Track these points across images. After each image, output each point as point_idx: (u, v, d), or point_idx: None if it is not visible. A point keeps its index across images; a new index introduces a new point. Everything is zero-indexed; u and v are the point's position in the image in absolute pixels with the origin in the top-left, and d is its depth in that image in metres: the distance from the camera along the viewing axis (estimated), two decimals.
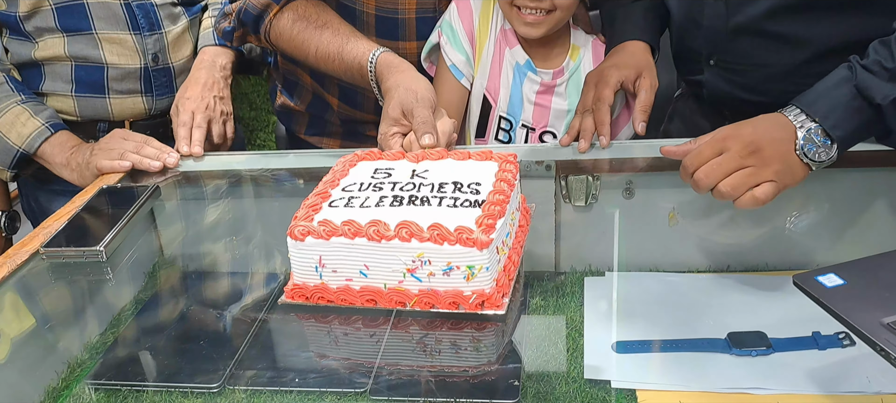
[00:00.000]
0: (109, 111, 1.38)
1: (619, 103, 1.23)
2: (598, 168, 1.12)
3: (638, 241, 1.05)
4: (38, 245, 0.95)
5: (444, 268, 0.77)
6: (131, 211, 1.02)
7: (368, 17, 1.25)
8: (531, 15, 1.16)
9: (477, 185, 0.86)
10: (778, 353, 0.81)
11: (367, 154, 0.99)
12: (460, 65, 1.23)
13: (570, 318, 0.87)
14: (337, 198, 0.85)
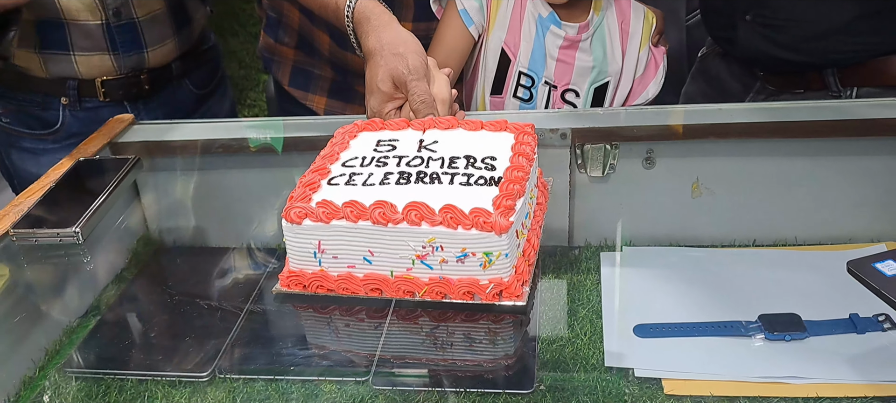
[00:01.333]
0: (76, 69, 1.29)
1: (645, 58, 1.16)
2: (617, 135, 1.04)
3: (658, 214, 1.00)
4: (8, 225, 0.87)
5: (459, 255, 0.70)
6: (110, 186, 0.93)
7: None
8: None
9: (492, 160, 0.78)
10: (814, 338, 0.76)
11: (368, 123, 0.91)
12: (472, 10, 1.14)
13: (586, 298, 0.81)
14: (337, 175, 0.77)
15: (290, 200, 0.74)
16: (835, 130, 1.01)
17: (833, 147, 1.02)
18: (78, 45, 1.28)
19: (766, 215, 0.97)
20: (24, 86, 1.30)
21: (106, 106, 1.31)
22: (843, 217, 0.96)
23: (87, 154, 1.03)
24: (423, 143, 0.82)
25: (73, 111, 1.31)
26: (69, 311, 0.85)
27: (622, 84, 1.18)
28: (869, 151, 1.01)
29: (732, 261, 0.90)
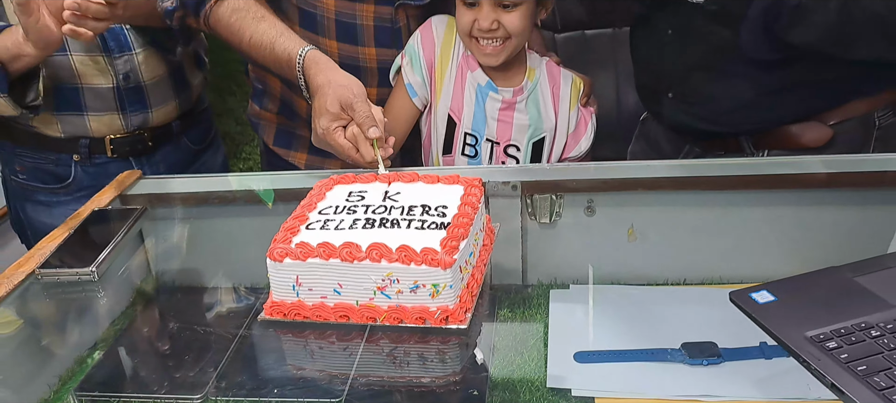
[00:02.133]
0: (89, 128, 1.45)
1: (575, 117, 1.33)
2: (561, 187, 1.19)
3: (599, 256, 1.12)
4: (34, 266, 1.01)
5: (412, 286, 0.84)
6: (121, 232, 1.08)
7: (329, 21, 1.34)
8: (489, 45, 1.26)
9: (444, 208, 0.93)
10: (728, 362, 0.86)
11: (342, 177, 1.06)
12: (416, 86, 1.33)
13: (535, 329, 0.93)
14: (314, 221, 0.92)
15: (274, 242, 0.89)
16: (747, 184, 1.17)
17: (746, 198, 1.18)
18: (91, 106, 1.43)
19: (692, 257, 1.09)
20: (40, 145, 1.45)
21: (113, 161, 1.46)
22: (759, 258, 1.09)
23: (100, 204, 1.18)
24: (387, 194, 0.98)
25: (84, 166, 1.46)
26: (82, 341, 0.97)
27: (557, 139, 1.35)
28: (776, 202, 1.16)
29: (663, 298, 1.01)
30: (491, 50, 1.27)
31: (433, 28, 1.34)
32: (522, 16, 1.26)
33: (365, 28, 1.34)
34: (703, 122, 1.23)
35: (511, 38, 1.27)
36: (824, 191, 1.15)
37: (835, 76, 1.11)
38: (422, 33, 1.34)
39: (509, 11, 1.25)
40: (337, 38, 1.34)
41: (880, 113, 1.16)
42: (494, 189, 1.17)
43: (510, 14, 1.25)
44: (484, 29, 1.25)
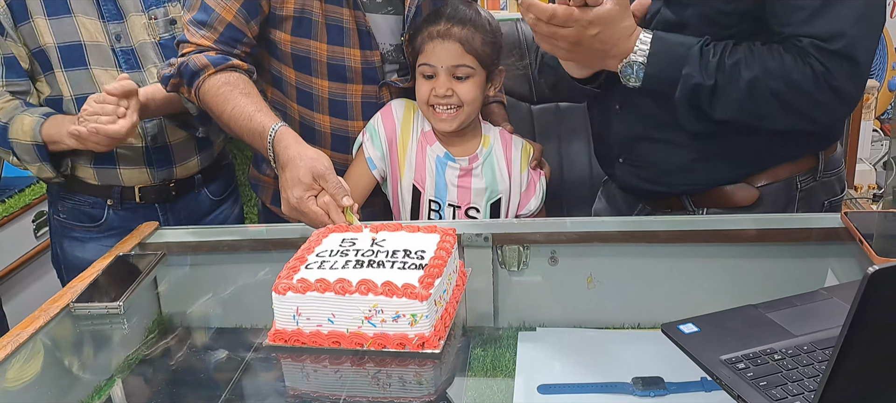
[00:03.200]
0: (120, 179, 1.64)
1: (526, 178, 1.52)
2: (528, 239, 1.36)
3: (562, 301, 1.25)
4: (68, 301, 1.17)
5: (394, 316, 1.00)
6: (143, 274, 1.24)
7: (322, 100, 1.52)
8: (444, 112, 1.45)
9: (422, 252, 1.10)
10: (672, 394, 0.96)
11: (336, 227, 1.23)
12: (376, 159, 1.51)
13: (504, 366, 1.04)
14: (312, 262, 1.09)
15: (278, 278, 1.05)
16: (689, 239, 1.34)
17: (689, 251, 1.34)
18: (123, 161, 1.63)
19: (643, 302, 1.21)
20: (80, 190, 1.65)
21: (141, 207, 1.65)
22: (699, 301, 1.19)
23: (124, 250, 1.35)
24: (374, 240, 1.14)
25: (116, 210, 1.66)
26: (105, 368, 1.11)
27: (512, 198, 1.53)
28: (713, 254, 1.33)
29: (617, 338, 1.11)
30: (446, 116, 1.46)
31: (393, 110, 1.53)
32: (473, 86, 1.46)
33: (353, 104, 1.52)
34: (648, 184, 1.39)
35: (463, 106, 1.46)
36: (754, 245, 1.32)
37: (758, 144, 1.28)
38: (382, 114, 1.52)
39: (462, 82, 1.45)
40: (329, 113, 1.53)
41: (801, 177, 1.33)
42: (469, 240, 1.34)
43: (463, 84, 1.45)
44: (440, 95, 1.44)
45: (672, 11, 1.25)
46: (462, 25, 1.44)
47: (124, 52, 1.61)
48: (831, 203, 1.38)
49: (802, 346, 0.96)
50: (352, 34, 1.46)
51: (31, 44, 1.56)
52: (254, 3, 1.43)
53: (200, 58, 1.43)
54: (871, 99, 2.85)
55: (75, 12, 1.57)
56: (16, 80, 1.58)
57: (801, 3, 1.15)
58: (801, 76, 1.15)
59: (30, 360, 1.09)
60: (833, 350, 0.69)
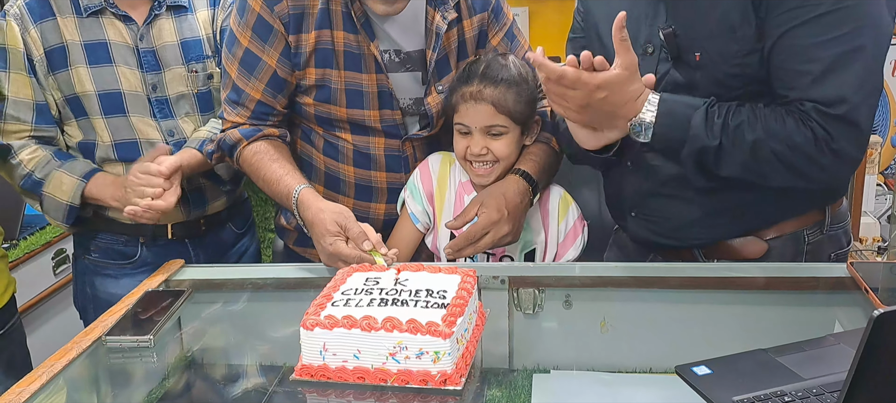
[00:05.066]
0: None
1: (564, 229, 1.54)
2: (543, 283, 1.41)
3: (576, 345, 1.29)
4: (99, 334, 1.21)
5: (418, 353, 1.04)
6: (171, 309, 1.29)
7: (348, 185, 1.60)
8: (481, 167, 1.49)
9: (444, 292, 1.14)
10: None
11: (360, 266, 1.28)
12: (418, 213, 1.56)
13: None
14: (338, 300, 1.13)
15: (306, 315, 1.09)
16: (700, 285, 1.38)
17: (700, 297, 1.38)
18: None
19: (657, 347, 1.24)
20: (112, 230, 1.71)
21: (172, 242, 1.72)
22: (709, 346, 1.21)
23: (151, 286, 1.39)
24: (398, 280, 1.19)
25: (148, 246, 1.72)
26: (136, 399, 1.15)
27: (548, 250, 1.54)
28: (724, 301, 1.37)
29: (631, 382, 1.14)
30: (482, 171, 1.49)
31: (430, 165, 1.57)
32: (508, 143, 1.48)
33: (377, 156, 1.58)
34: (660, 237, 1.43)
35: (499, 162, 1.48)
36: (763, 293, 1.35)
37: (766, 200, 1.33)
38: (420, 170, 1.57)
39: (497, 139, 1.47)
40: (353, 165, 1.59)
41: (809, 231, 1.38)
42: (486, 282, 1.38)
43: (497, 141, 1.47)
44: (475, 154, 1.47)
45: (681, 73, 1.30)
46: (494, 85, 1.45)
47: (159, 102, 1.67)
48: (837, 255, 1.42)
49: (812, 389, 0.99)
50: (372, 97, 1.52)
51: (66, 91, 1.63)
52: (279, 80, 1.51)
53: (234, 133, 1.54)
54: (875, 154, 2.91)
55: (116, 62, 1.63)
56: (44, 126, 1.64)
57: (806, 69, 1.20)
58: (802, 139, 1.20)
59: (62, 390, 1.13)
60: (840, 392, 0.73)
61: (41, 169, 1.61)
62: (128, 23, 1.65)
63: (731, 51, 1.25)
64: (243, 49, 1.50)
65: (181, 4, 1.70)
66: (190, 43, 1.71)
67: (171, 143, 1.68)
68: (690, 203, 1.37)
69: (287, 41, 1.48)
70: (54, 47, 1.60)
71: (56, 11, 1.61)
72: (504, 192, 1.43)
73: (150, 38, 1.66)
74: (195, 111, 1.73)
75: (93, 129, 1.65)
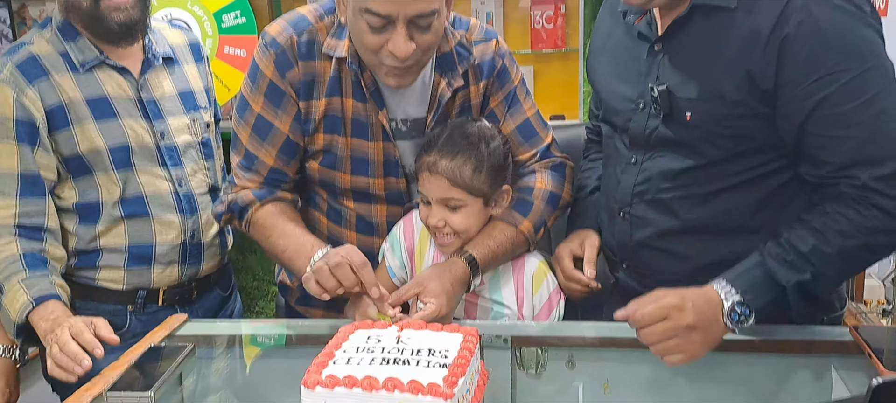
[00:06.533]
0: (152, 280, 1.67)
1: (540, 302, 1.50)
2: (546, 342, 1.40)
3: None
4: (101, 389, 1.21)
5: None
6: (172, 365, 1.28)
7: (350, 218, 1.58)
8: (442, 237, 1.46)
9: (446, 351, 1.14)
10: None
11: (362, 323, 1.28)
12: (396, 268, 1.54)
13: None
14: (339, 359, 1.13)
15: (307, 373, 1.09)
16: None
17: (701, 359, 1.36)
18: (159, 261, 1.67)
19: None
20: (100, 298, 1.65)
21: (162, 309, 1.68)
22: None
23: (154, 341, 1.39)
24: (400, 338, 1.19)
25: (138, 315, 1.67)
26: None
27: None
28: (726, 362, 1.35)
29: None
30: (442, 242, 1.46)
31: (414, 220, 1.55)
32: (467, 215, 1.44)
33: (379, 224, 1.58)
34: (649, 291, 1.42)
35: (458, 234, 1.44)
36: (764, 355, 1.35)
37: None
38: (404, 223, 1.54)
39: (455, 212, 1.43)
40: (356, 231, 1.58)
41: None
42: (489, 341, 1.37)
43: (456, 214, 1.43)
44: (432, 225, 1.45)
45: (671, 130, 1.33)
46: (451, 157, 1.40)
47: (168, 149, 1.67)
48: (830, 319, 1.42)
49: None
50: (377, 165, 1.53)
51: (66, 150, 1.57)
52: (292, 145, 1.52)
53: (247, 194, 1.51)
54: None
55: (121, 116, 1.62)
56: (30, 199, 1.55)
57: (848, 134, 1.20)
58: (874, 221, 1.21)
59: None
60: None
61: (4, 269, 1.52)
62: (125, 75, 1.64)
63: (721, 114, 1.27)
64: (256, 115, 1.50)
65: (170, 57, 1.72)
66: (186, 94, 1.73)
67: (179, 194, 1.68)
68: (678, 258, 1.39)
69: (298, 107, 1.49)
70: (54, 107, 1.56)
71: (50, 70, 1.57)
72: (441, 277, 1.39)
73: (149, 88, 1.66)
74: (200, 158, 1.74)
75: (95, 187, 1.61)
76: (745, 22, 1.24)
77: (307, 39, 1.47)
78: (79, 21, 1.60)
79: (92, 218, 1.62)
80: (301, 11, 1.51)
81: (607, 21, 1.51)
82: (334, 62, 1.47)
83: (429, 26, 1.33)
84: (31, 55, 1.57)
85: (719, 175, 1.32)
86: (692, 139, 1.31)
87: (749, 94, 1.24)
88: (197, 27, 2.52)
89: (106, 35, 1.60)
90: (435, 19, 1.34)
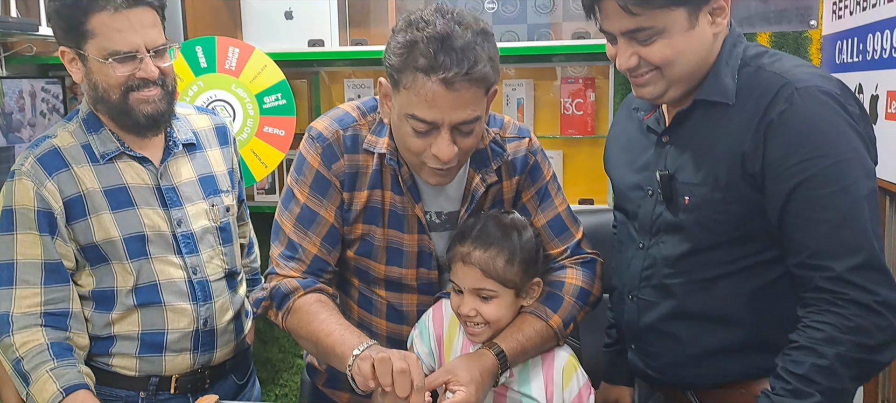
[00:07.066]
0: (163, 368, 1.68)
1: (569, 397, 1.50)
2: None
3: None
4: None
5: None
6: None
7: (380, 338, 1.59)
8: (472, 327, 1.48)
9: None
10: None
11: None
12: (424, 355, 1.55)
13: None
14: None
15: None
16: None
17: None
18: (170, 348, 1.67)
19: None
20: (111, 384, 1.66)
21: (174, 397, 1.68)
22: None
23: None
24: None
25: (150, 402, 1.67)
26: None
27: None
28: None
29: None
30: (473, 331, 1.48)
31: (443, 308, 1.56)
32: (499, 306, 1.46)
33: (409, 313, 1.61)
34: (656, 373, 1.49)
35: (489, 324, 1.46)
36: None
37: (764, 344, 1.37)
38: (433, 311, 1.57)
39: (487, 302, 1.45)
40: (386, 319, 1.62)
41: None
42: None
43: (487, 304, 1.45)
44: (464, 314, 1.46)
45: (672, 214, 1.41)
46: (484, 248, 1.43)
47: (184, 237, 1.68)
48: None
49: None
50: (411, 256, 1.57)
51: (83, 240, 1.60)
52: (335, 233, 1.56)
53: (292, 281, 1.52)
54: None
55: (138, 205, 1.64)
56: (55, 286, 1.59)
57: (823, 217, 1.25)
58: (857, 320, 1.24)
59: None
60: None
61: (31, 359, 1.54)
62: (145, 164, 1.66)
63: (716, 198, 1.34)
64: (301, 205, 1.55)
65: (192, 142, 1.74)
66: (207, 178, 1.75)
67: (193, 282, 1.68)
68: (680, 343, 1.43)
69: (342, 196, 1.54)
70: (72, 197, 1.59)
71: (70, 162, 1.60)
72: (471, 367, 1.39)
73: (169, 176, 1.68)
74: (218, 243, 1.75)
75: (111, 275, 1.62)
76: (740, 113, 1.32)
77: (352, 134, 1.53)
78: (106, 113, 1.64)
79: (107, 305, 1.64)
80: (345, 108, 1.58)
81: (623, 119, 1.63)
82: (375, 157, 1.52)
83: (471, 131, 1.40)
84: (53, 148, 1.61)
85: (715, 261, 1.38)
86: (689, 223, 1.38)
87: (741, 179, 1.31)
88: (240, 108, 2.61)
89: (133, 127, 1.63)
90: (477, 125, 1.39)
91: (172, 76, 1.66)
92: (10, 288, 1.57)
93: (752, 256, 1.37)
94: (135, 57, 1.56)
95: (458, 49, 1.32)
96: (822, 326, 1.25)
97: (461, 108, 1.35)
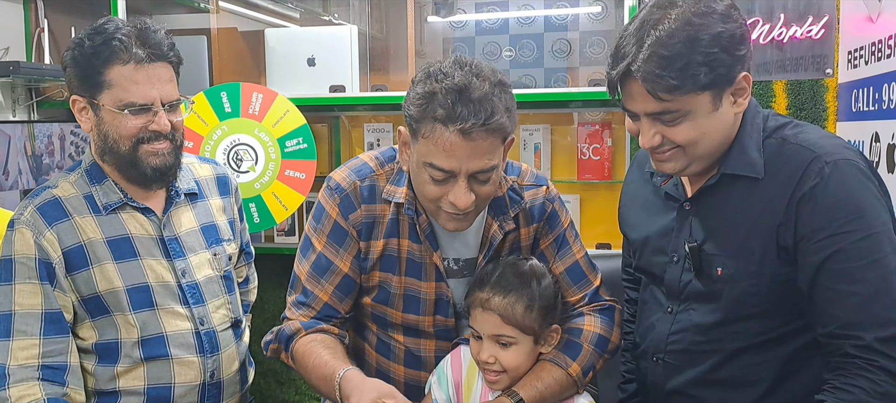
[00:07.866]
0: None
1: None
2: None
3: None
4: None
5: None
6: None
7: (398, 383, 1.61)
8: (491, 374, 1.48)
9: None
10: None
11: None
12: (442, 401, 1.55)
13: None
14: None
15: None
16: None
17: None
18: (177, 402, 1.65)
19: None
20: None
21: None
22: None
23: None
24: None
25: None
26: None
27: None
28: None
29: None
30: (492, 378, 1.48)
31: (461, 354, 1.56)
32: (517, 353, 1.46)
33: (427, 359, 1.63)
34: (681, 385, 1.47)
35: (508, 371, 1.46)
36: None
37: None
38: (451, 357, 1.57)
39: (505, 349, 1.45)
40: (404, 365, 1.63)
41: None
42: None
43: (506, 351, 1.45)
44: (482, 361, 1.46)
45: (703, 284, 1.42)
46: (503, 295, 1.43)
47: (190, 287, 1.67)
48: None
49: None
50: (428, 304, 1.59)
51: (85, 291, 1.57)
52: (349, 282, 1.58)
53: (295, 323, 1.55)
54: None
55: (141, 256, 1.62)
56: (54, 337, 1.55)
57: (854, 290, 1.26)
58: (885, 386, 1.24)
59: None
60: None
61: None
62: (148, 214, 1.65)
63: (750, 271, 1.35)
64: (317, 253, 1.58)
65: (194, 192, 1.74)
66: (209, 227, 1.75)
67: (200, 333, 1.66)
68: None
69: (359, 246, 1.57)
70: (72, 248, 1.56)
71: (71, 212, 1.59)
72: None
73: (171, 226, 1.67)
74: (223, 292, 1.74)
75: (114, 327, 1.59)
76: (770, 186, 1.33)
77: (369, 185, 1.57)
78: (113, 163, 1.63)
79: (111, 358, 1.61)
80: (363, 158, 1.62)
81: (636, 180, 1.63)
82: (393, 206, 1.55)
83: (488, 179, 1.42)
84: (53, 198, 1.60)
85: (745, 331, 1.38)
86: (722, 293, 1.39)
87: (775, 251, 1.32)
88: (262, 151, 2.67)
89: (139, 178, 1.63)
90: (494, 173, 1.42)
91: (181, 131, 1.66)
92: (6, 340, 1.53)
93: (781, 327, 1.38)
94: (149, 109, 1.58)
95: (475, 100, 1.35)
96: (852, 389, 1.25)
97: (478, 157, 1.38)
